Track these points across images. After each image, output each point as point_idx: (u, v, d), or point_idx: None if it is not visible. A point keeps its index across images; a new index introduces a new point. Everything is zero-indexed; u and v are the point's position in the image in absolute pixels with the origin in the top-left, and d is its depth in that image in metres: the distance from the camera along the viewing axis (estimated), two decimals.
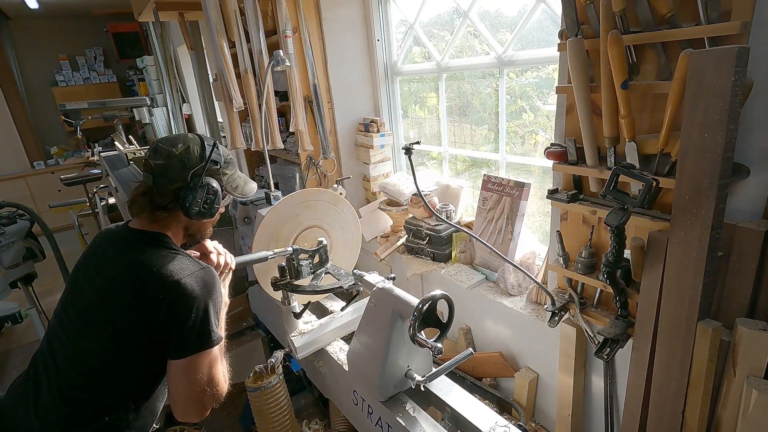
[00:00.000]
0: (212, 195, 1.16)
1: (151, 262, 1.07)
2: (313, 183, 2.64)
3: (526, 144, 2.15)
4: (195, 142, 1.17)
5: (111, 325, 1.07)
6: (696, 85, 1.03)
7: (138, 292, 1.05)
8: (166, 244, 1.14)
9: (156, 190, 1.13)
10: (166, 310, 1.04)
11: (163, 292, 1.04)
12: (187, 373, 1.06)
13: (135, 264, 1.08)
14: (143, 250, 1.10)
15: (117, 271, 1.09)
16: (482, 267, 2.13)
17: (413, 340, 1.09)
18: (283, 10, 2.25)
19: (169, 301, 1.04)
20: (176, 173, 1.13)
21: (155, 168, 1.13)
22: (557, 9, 1.54)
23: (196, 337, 1.06)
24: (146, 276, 1.05)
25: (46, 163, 6.29)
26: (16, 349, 3.43)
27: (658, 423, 1.28)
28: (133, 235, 1.15)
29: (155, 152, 1.14)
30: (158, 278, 1.05)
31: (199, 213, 1.16)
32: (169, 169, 1.13)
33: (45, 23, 6.37)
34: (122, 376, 1.10)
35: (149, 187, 1.14)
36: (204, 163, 1.15)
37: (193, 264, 1.11)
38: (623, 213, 1.18)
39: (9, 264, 2.58)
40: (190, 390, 1.07)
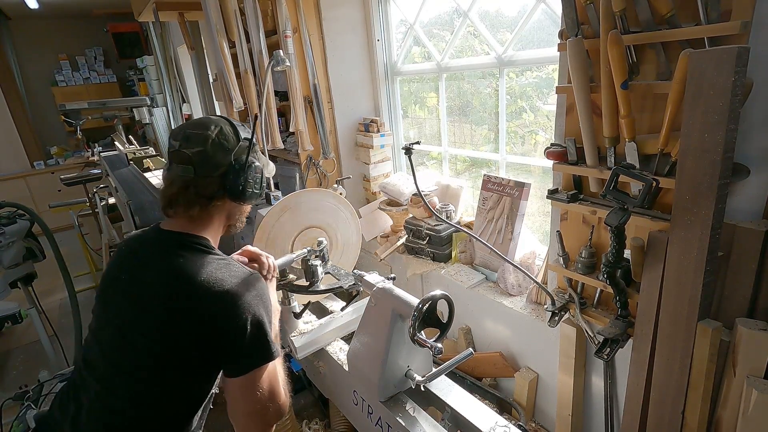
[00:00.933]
0: (259, 174, 1.09)
1: (194, 269, 0.96)
2: (313, 183, 2.64)
3: (526, 144, 2.15)
4: (222, 122, 1.07)
5: (151, 343, 0.95)
6: (696, 85, 1.03)
7: (180, 305, 0.94)
8: (207, 248, 1.04)
9: (200, 180, 1.02)
10: (217, 324, 0.93)
11: (210, 304, 0.93)
12: (247, 390, 0.97)
13: (174, 273, 0.96)
14: (182, 256, 0.98)
15: (154, 282, 0.97)
16: (482, 267, 2.13)
17: (413, 340, 1.09)
18: (283, 10, 2.25)
19: (218, 314, 0.93)
20: (219, 157, 1.03)
21: (194, 156, 1.00)
22: (557, 9, 1.54)
23: (253, 351, 0.97)
24: (188, 286, 0.94)
25: (46, 163, 6.29)
26: (16, 349, 3.42)
27: (658, 423, 1.28)
28: (169, 239, 1.04)
29: (188, 140, 1.01)
30: (203, 288, 0.94)
31: (252, 195, 1.08)
32: (209, 154, 1.01)
33: (45, 23, 6.37)
34: (166, 397, 0.98)
35: (191, 180, 1.01)
36: (248, 142, 1.07)
37: (240, 269, 1.01)
38: (623, 213, 1.18)
39: (9, 264, 2.58)
40: (251, 407, 0.97)
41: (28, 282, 2.71)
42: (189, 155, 1.01)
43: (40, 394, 1.82)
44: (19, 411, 1.77)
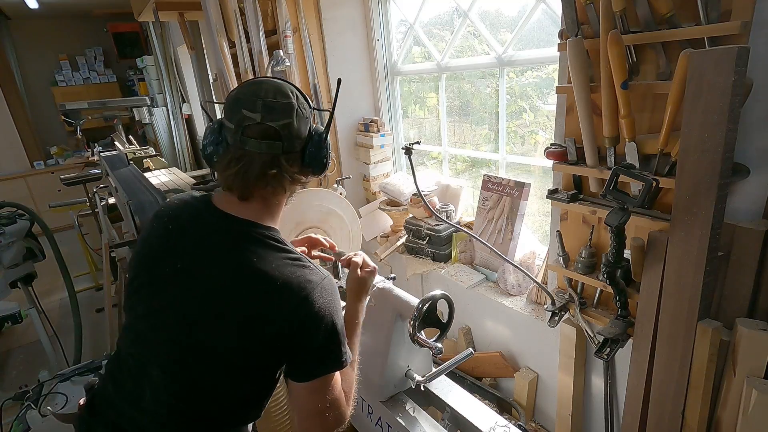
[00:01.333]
0: (327, 147, 0.98)
1: (270, 270, 0.87)
2: (313, 183, 2.63)
3: (526, 144, 2.15)
4: (293, 87, 0.94)
5: (221, 345, 0.88)
6: (696, 85, 1.03)
7: (256, 311, 0.86)
8: (280, 243, 0.93)
9: (287, 156, 0.90)
10: (293, 332, 0.87)
11: (289, 312, 0.86)
12: (311, 396, 0.91)
13: (250, 273, 0.87)
14: (255, 253, 0.88)
15: (226, 281, 0.88)
16: (482, 267, 2.13)
17: (413, 340, 1.09)
18: (283, 10, 2.25)
19: (296, 323, 0.86)
20: (303, 129, 0.92)
21: (281, 129, 0.88)
22: (557, 9, 1.54)
23: (324, 359, 0.90)
24: (266, 291, 0.86)
25: (46, 163, 6.29)
26: (16, 349, 3.42)
27: (658, 423, 1.28)
28: (237, 229, 0.91)
29: (272, 111, 0.87)
30: (282, 294, 0.86)
31: (325, 166, 0.99)
32: (296, 126, 0.90)
33: (45, 23, 6.37)
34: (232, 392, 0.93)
35: (277, 157, 0.89)
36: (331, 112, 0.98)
37: (316, 273, 0.91)
38: (623, 213, 1.18)
39: (9, 264, 2.58)
40: (312, 412, 0.91)
41: (28, 282, 2.70)
42: (276, 129, 0.88)
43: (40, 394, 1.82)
44: (19, 411, 1.77)
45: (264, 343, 0.87)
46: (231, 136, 0.89)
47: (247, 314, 0.86)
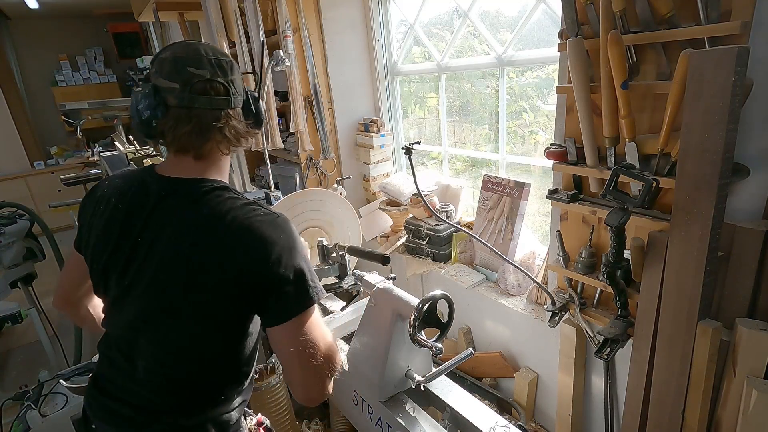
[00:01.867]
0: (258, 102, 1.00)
1: (228, 220, 0.86)
2: (313, 183, 2.64)
3: (526, 144, 2.15)
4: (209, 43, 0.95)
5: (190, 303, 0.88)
6: (696, 85, 1.03)
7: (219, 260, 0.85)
8: (231, 191, 0.93)
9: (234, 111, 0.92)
10: (257, 274, 0.85)
11: (249, 255, 0.85)
12: (290, 340, 0.88)
13: (208, 227, 0.87)
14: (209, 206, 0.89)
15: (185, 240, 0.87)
16: (482, 267, 2.13)
17: (413, 340, 1.09)
18: (283, 10, 2.25)
19: (258, 264, 0.85)
20: (242, 85, 0.95)
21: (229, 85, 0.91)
22: (557, 9, 1.54)
23: (293, 297, 0.88)
24: (225, 240, 0.85)
25: (46, 163, 6.29)
26: (16, 349, 3.42)
27: (658, 423, 1.28)
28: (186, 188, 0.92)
29: (219, 67, 0.89)
30: (242, 240, 0.85)
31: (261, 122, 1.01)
32: (238, 83, 0.93)
33: (45, 23, 6.37)
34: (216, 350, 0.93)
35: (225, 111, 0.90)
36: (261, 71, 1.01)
37: (270, 214, 0.91)
38: (623, 213, 1.18)
39: (9, 264, 2.58)
40: (296, 358, 0.88)
41: (28, 282, 2.70)
42: (225, 84, 0.90)
43: (40, 394, 1.82)
44: (19, 411, 1.77)
45: (228, 290, 0.86)
46: (175, 96, 0.87)
47: (209, 266, 0.85)
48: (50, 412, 1.74)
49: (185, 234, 0.87)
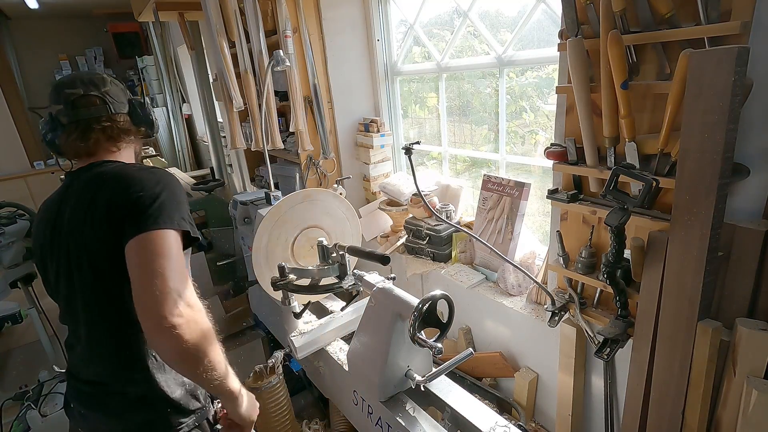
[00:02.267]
0: (150, 109, 1.20)
1: (116, 173, 1.02)
2: (313, 183, 2.64)
3: (526, 144, 2.15)
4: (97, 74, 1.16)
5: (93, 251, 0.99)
6: (696, 85, 1.03)
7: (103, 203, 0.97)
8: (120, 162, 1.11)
9: (117, 116, 1.11)
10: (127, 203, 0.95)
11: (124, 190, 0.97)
12: (139, 255, 0.91)
13: (100, 183, 1.01)
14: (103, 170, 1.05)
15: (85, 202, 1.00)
16: (482, 267, 2.13)
17: (413, 340, 1.09)
18: (283, 10, 2.25)
19: (130, 196, 0.96)
20: (121, 95, 1.13)
21: (104, 95, 1.09)
22: (557, 9, 1.54)
23: (152, 215, 0.94)
24: (110, 185, 0.99)
25: (46, 163, 6.29)
26: (16, 349, 3.42)
27: (658, 423, 1.28)
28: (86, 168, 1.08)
29: (92, 83, 1.09)
30: (121, 182, 0.99)
31: (151, 124, 1.20)
32: (113, 92, 1.11)
33: (45, 23, 6.37)
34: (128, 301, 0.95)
35: (108, 118, 1.09)
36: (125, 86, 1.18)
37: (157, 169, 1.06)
38: (623, 213, 1.18)
39: (9, 264, 2.58)
40: (148, 282, 0.88)
41: (28, 282, 2.70)
42: (99, 96, 1.08)
43: (40, 394, 1.82)
44: (19, 411, 1.77)
45: (105, 228, 0.96)
46: (63, 114, 1.07)
47: (94, 215, 0.97)
48: (50, 412, 1.75)
49: (80, 201, 1.01)
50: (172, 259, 0.92)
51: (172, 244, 0.94)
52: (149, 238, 0.92)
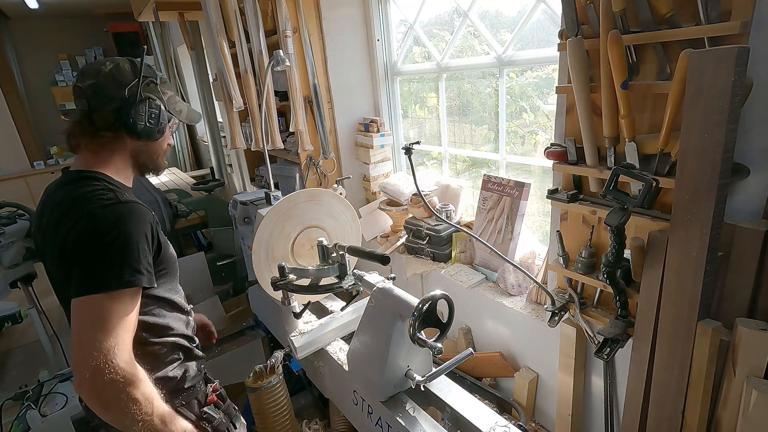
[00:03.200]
0: (156, 109, 1.08)
1: (72, 199, 0.98)
2: (313, 183, 2.64)
3: (526, 144, 2.15)
4: (123, 60, 1.08)
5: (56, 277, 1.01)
6: (696, 85, 1.03)
7: (59, 233, 0.95)
8: (97, 180, 1.03)
9: (94, 112, 1.04)
10: (73, 242, 0.92)
11: (72, 225, 0.93)
12: (76, 318, 0.89)
13: (60, 207, 0.99)
14: (69, 190, 1.01)
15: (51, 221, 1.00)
16: (482, 267, 2.13)
17: (413, 340, 1.09)
18: (283, 10, 2.25)
19: (76, 234, 0.93)
20: (112, 90, 1.04)
21: (87, 89, 1.03)
22: (557, 9, 1.54)
23: (96, 273, 0.90)
24: (64, 214, 0.96)
25: (46, 163, 6.29)
26: (16, 349, 3.42)
27: (658, 423, 1.28)
28: (67, 179, 1.05)
29: (82, 75, 1.05)
30: (71, 212, 0.95)
31: (146, 129, 1.07)
32: (102, 87, 1.03)
33: (45, 23, 6.37)
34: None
35: (85, 112, 1.04)
36: (138, 78, 1.07)
37: (112, 198, 0.98)
38: (623, 213, 1.18)
39: (9, 264, 2.58)
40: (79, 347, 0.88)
41: (28, 282, 2.70)
42: (83, 88, 1.03)
43: (40, 394, 1.82)
44: (19, 411, 1.77)
45: (62, 260, 0.95)
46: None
47: (55, 239, 0.96)
48: (50, 412, 1.75)
49: (50, 222, 1.01)
50: (106, 328, 0.89)
51: (111, 309, 0.90)
52: (86, 304, 0.90)
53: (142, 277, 0.96)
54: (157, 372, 1.11)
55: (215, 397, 1.27)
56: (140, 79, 1.06)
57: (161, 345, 1.12)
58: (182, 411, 1.16)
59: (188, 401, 1.18)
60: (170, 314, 1.14)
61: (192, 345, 1.23)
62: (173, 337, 1.15)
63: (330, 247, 1.44)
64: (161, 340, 1.12)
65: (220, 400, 1.28)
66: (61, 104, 6.51)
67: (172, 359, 1.15)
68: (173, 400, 1.14)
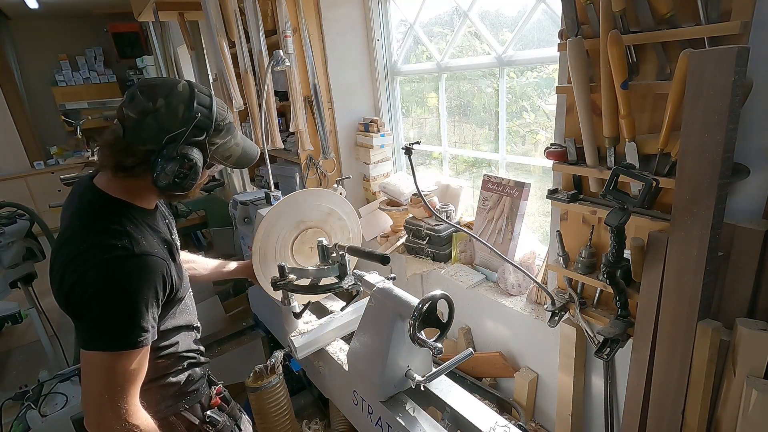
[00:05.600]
0: (187, 169, 0.96)
1: (80, 238, 0.93)
2: (313, 183, 2.64)
3: (526, 144, 2.15)
4: (183, 97, 0.95)
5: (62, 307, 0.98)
6: (696, 85, 1.03)
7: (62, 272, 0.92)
8: (117, 215, 0.97)
9: (124, 146, 0.94)
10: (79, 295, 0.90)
11: (79, 277, 0.89)
12: (90, 370, 0.91)
13: (66, 240, 0.95)
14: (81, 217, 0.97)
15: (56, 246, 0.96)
16: (482, 267, 2.13)
17: (413, 340, 1.09)
18: (283, 10, 2.25)
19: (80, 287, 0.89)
20: (150, 133, 0.93)
21: (127, 121, 0.93)
22: (557, 9, 1.54)
23: (103, 331, 0.90)
24: (71, 255, 0.91)
25: (46, 163, 6.29)
26: (16, 349, 3.42)
27: (658, 423, 1.28)
28: (86, 197, 1.00)
29: (132, 100, 0.94)
30: (77, 260, 0.90)
31: (169, 186, 0.96)
32: (142, 126, 0.93)
33: (45, 23, 6.37)
34: None
35: (118, 139, 0.94)
36: (185, 129, 0.94)
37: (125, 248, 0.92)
38: (623, 213, 1.18)
39: (9, 264, 2.58)
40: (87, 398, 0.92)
41: (28, 282, 2.71)
42: (125, 116, 0.94)
43: (40, 394, 1.82)
44: (19, 411, 1.77)
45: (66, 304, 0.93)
46: None
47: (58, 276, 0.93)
48: (50, 412, 1.74)
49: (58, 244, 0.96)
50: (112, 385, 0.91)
51: (116, 368, 0.91)
52: (93, 359, 0.91)
53: (148, 336, 0.95)
54: (161, 381, 1.11)
55: (219, 399, 1.26)
56: (187, 132, 0.95)
57: (166, 358, 1.13)
58: (185, 415, 1.16)
59: (191, 405, 1.18)
60: (179, 335, 1.15)
61: (197, 354, 1.23)
62: (180, 352, 1.16)
63: (330, 247, 1.44)
64: (167, 355, 1.12)
65: (224, 403, 1.28)
66: (61, 104, 6.51)
67: (176, 369, 1.16)
68: (176, 404, 1.14)
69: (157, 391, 1.11)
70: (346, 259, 1.40)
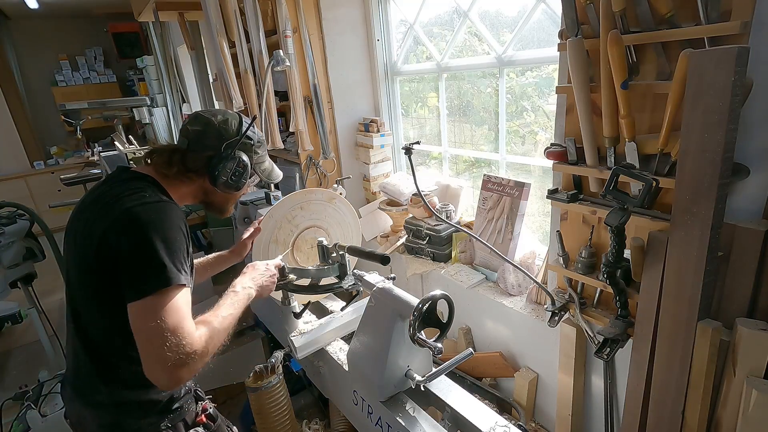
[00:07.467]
0: (241, 168, 1.18)
1: (111, 196, 1.00)
2: (313, 183, 2.64)
3: (526, 144, 2.15)
4: (234, 117, 1.20)
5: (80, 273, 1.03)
6: (696, 85, 1.03)
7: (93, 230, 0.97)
8: (141, 182, 1.06)
9: (189, 153, 1.14)
10: (115, 244, 0.94)
11: (111, 225, 0.95)
12: (144, 319, 0.92)
13: (97, 203, 1.02)
14: (115, 187, 1.04)
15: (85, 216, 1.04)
16: (482, 267, 2.13)
17: (413, 340, 1.09)
18: (283, 10, 2.25)
19: (115, 234, 0.94)
20: (212, 141, 1.15)
21: (192, 133, 1.15)
22: (557, 9, 1.54)
23: (148, 274, 0.93)
24: (102, 211, 0.99)
25: (46, 163, 6.29)
26: (16, 349, 3.42)
27: (658, 423, 1.28)
28: (125, 175, 1.10)
29: (195, 119, 1.17)
30: (109, 211, 0.97)
31: (226, 183, 1.17)
32: (205, 135, 1.15)
33: (45, 23, 6.37)
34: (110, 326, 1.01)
35: (183, 150, 1.14)
36: (239, 137, 1.18)
37: (149, 197, 1.01)
38: (623, 213, 1.18)
39: (9, 264, 2.58)
40: (151, 341, 0.91)
41: (28, 282, 2.71)
42: (189, 131, 1.16)
43: (40, 394, 1.82)
44: (19, 411, 1.77)
45: (98, 260, 0.96)
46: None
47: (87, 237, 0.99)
48: (50, 412, 1.75)
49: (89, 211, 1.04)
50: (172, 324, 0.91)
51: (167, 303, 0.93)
52: (145, 306, 0.92)
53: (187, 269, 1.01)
54: (142, 396, 1.09)
55: (204, 417, 1.24)
56: (240, 138, 1.18)
57: None
58: None
59: (174, 423, 1.15)
60: None
61: None
62: None
63: (330, 247, 1.44)
64: None
65: (209, 420, 1.24)
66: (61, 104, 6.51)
67: None
68: (158, 422, 1.12)
69: (138, 407, 1.09)
70: (346, 259, 1.40)
